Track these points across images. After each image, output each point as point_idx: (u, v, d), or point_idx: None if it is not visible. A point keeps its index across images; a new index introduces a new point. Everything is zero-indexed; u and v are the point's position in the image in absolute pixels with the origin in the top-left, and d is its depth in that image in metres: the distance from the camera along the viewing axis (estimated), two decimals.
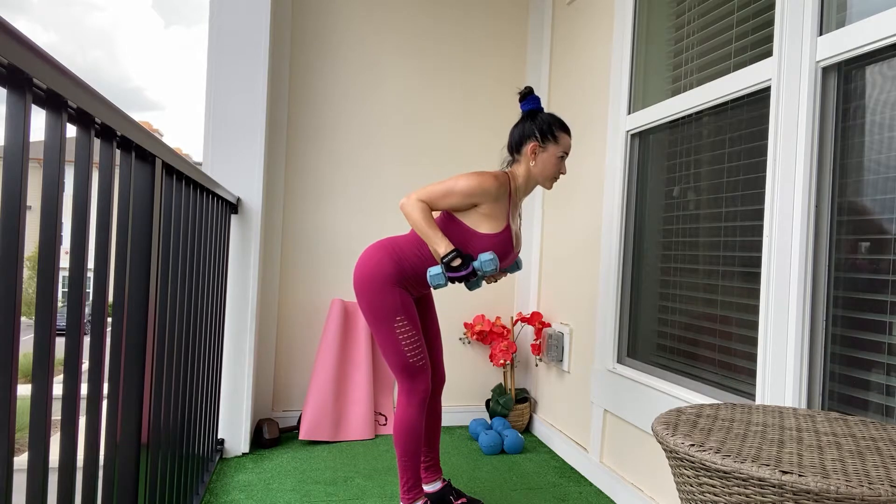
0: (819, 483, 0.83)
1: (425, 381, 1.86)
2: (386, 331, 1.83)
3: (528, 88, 1.91)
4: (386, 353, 1.85)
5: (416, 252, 1.87)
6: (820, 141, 1.47)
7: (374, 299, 1.83)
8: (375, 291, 1.84)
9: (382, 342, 1.85)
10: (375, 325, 1.85)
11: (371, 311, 1.84)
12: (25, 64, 0.69)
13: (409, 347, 1.83)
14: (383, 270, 1.85)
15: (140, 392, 1.23)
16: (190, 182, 1.61)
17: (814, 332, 1.47)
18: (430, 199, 1.81)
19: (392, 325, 1.83)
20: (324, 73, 2.94)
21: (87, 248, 0.96)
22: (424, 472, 2.04)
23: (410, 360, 1.83)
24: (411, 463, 1.85)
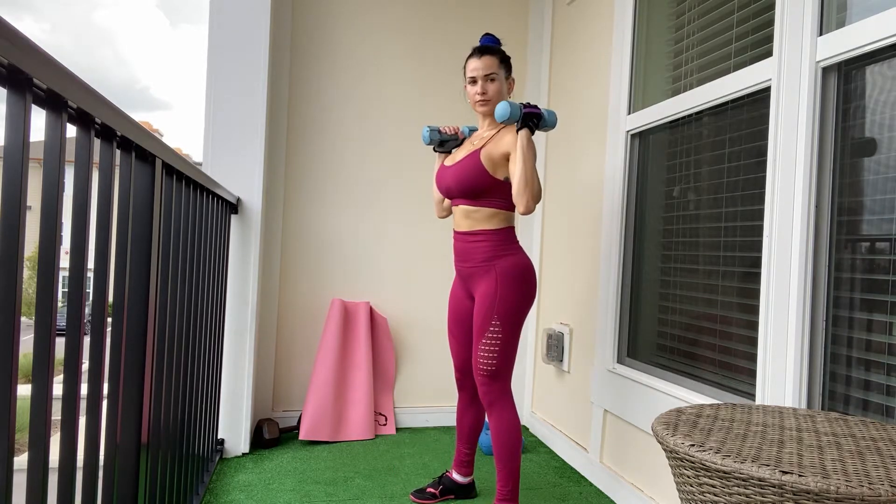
0: (819, 483, 0.83)
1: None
2: (517, 329, 1.87)
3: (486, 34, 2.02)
4: (507, 353, 1.86)
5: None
6: (820, 141, 1.47)
7: (528, 292, 1.89)
8: (530, 283, 1.89)
9: (509, 340, 1.86)
10: (512, 322, 1.86)
11: (517, 306, 1.86)
12: (25, 64, 0.69)
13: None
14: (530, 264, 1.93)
15: (140, 392, 1.23)
16: (190, 182, 1.61)
17: (814, 332, 1.47)
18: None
19: (522, 323, 1.89)
20: (324, 73, 2.94)
21: (87, 248, 0.96)
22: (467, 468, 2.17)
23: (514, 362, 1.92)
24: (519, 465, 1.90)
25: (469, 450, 2.16)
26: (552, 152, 3.02)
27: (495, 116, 1.81)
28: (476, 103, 1.97)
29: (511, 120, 1.77)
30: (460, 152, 2.03)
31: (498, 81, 1.95)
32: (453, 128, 2.12)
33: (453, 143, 2.12)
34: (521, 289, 1.87)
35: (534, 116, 1.78)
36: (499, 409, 1.87)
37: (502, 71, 1.96)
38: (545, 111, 1.84)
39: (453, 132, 2.11)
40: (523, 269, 1.89)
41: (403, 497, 2.16)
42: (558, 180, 2.93)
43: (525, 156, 1.76)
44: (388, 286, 3.04)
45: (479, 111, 1.98)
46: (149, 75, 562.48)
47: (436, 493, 2.15)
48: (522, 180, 1.75)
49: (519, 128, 1.79)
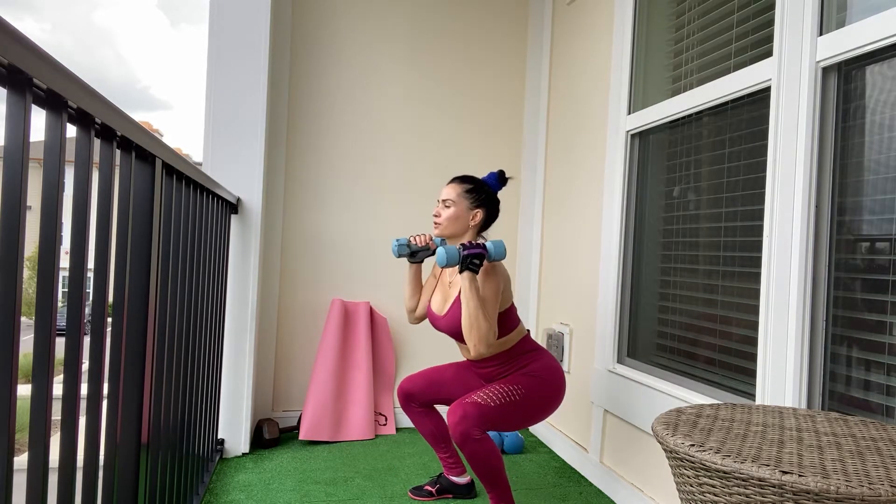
0: (819, 483, 0.83)
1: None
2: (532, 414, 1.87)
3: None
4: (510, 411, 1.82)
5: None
6: (820, 141, 1.47)
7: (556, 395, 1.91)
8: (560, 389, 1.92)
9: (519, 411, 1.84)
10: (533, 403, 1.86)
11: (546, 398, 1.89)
12: (25, 64, 0.69)
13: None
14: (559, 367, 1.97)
15: (140, 392, 1.23)
16: (190, 182, 1.61)
17: (814, 332, 1.47)
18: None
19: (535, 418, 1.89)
20: (324, 73, 2.94)
21: (87, 249, 0.96)
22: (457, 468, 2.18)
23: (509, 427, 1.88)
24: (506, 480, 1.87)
25: (447, 452, 2.15)
26: (552, 152, 3.02)
27: (436, 261, 1.83)
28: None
29: (450, 265, 1.77)
30: (439, 294, 2.03)
31: (454, 209, 1.96)
32: (424, 238, 2.09)
33: (425, 253, 2.10)
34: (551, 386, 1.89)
35: (474, 257, 1.77)
36: (471, 444, 1.74)
37: (464, 201, 1.96)
38: (490, 244, 1.81)
39: (424, 243, 2.08)
40: (553, 371, 1.91)
41: (403, 497, 2.16)
42: (558, 180, 2.93)
43: (467, 298, 1.75)
44: (388, 286, 3.04)
45: (433, 233, 2.04)
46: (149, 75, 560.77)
47: (433, 492, 2.15)
48: (467, 324, 1.75)
49: (460, 270, 1.78)
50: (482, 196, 1.98)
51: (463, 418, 1.73)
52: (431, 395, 2.09)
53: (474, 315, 1.74)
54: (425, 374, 2.11)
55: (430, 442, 2.15)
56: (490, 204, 2.00)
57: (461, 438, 1.73)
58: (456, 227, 1.97)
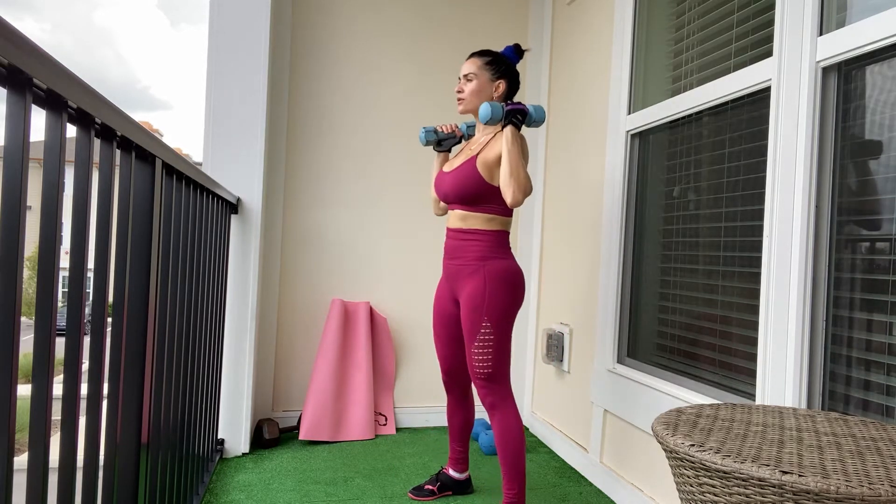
0: (819, 483, 0.83)
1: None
2: (507, 331, 1.87)
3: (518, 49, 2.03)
4: (500, 355, 1.85)
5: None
6: (820, 141, 1.47)
7: (517, 296, 1.89)
8: (519, 288, 1.89)
9: (501, 341, 1.85)
10: (502, 323, 1.85)
11: (505, 308, 1.86)
12: (25, 64, 0.69)
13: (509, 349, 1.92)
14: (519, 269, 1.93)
15: (140, 392, 1.23)
16: (190, 182, 1.61)
17: (814, 332, 1.47)
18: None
19: (512, 326, 1.89)
20: (324, 73, 2.94)
21: (87, 249, 0.96)
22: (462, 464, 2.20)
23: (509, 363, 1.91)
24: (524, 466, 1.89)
25: (462, 448, 2.18)
26: (552, 152, 3.02)
27: (479, 118, 1.83)
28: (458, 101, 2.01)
29: (494, 120, 1.79)
30: (458, 158, 2.03)
31: (477, 82, 1.95)
32: (450, 126, 2.11)
33: (451, 141, 2.11)
34: (510, 291, 1.87)
35: (517, 113, 1.80)
36: (501, 411, 1.87)
37: (485, 73, 1.95)
38: (531, 107, 1.85)
39: (450, 130, 2.10)
40: (513, 273, 1.89)
41: (403, 497, 2.16)
42: (558, 180, 2.93)
43: (509, 149, 1.77)
44: (388, 286, 3.04)
45: (458, 110, 2.02)
46: (149, 75, 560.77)
47: (434, 490, 2.16)
48: (507, 171, 1.77)
49: (504, 125, 1.81)
50: (503, 67, 1.97)
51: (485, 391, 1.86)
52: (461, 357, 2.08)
53: (516, 164, 1.76)
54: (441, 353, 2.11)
55: (454, 432, 2.16)
56: (511, 74, 1.99)
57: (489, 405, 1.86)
58: (480, 99, 1.95)
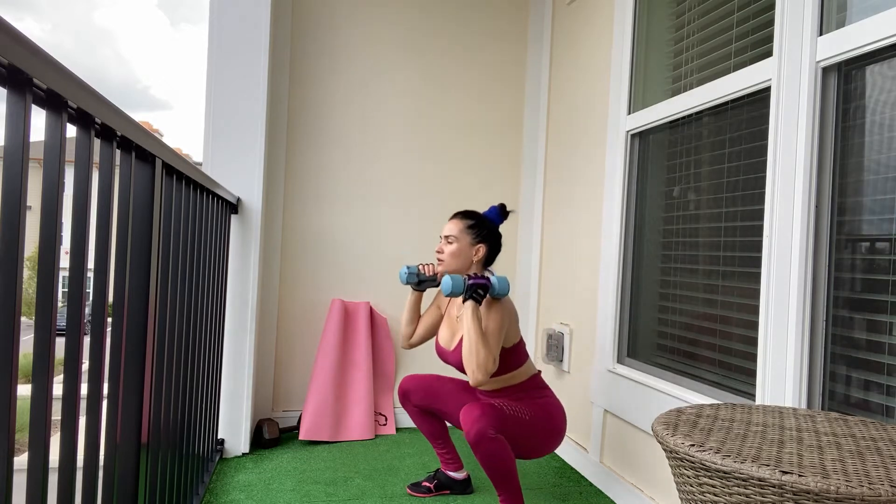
0: (819, 483, 0.83)
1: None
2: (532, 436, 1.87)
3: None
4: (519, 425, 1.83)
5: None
6: (820, 141, 1.47)
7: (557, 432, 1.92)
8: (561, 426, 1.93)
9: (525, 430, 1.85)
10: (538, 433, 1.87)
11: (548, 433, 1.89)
12: (25, 64, 0.69)
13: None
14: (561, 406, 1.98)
15: (140, 392, 1.23)
16: (190, 182, 1.61)
17: (814, 332, 1.47)
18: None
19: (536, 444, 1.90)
20: (324, 73, 2.94)
21: (87, 248, 0.96)
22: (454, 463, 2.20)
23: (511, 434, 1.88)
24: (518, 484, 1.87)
25: (445, 449, 2.18)
26: (552, 152, 3.02)
27: (442, 290, 1.85)
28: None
29: (455, 294, 1.81)
30: (446, 329, 2.04)
31: (457, 245, 1.97)
32: (432, 269, 2.10)
33: (429, 283, 2.11)
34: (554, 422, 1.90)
35: (479, 288, 1.81)
36: (486, 443, 1.73)
37: (466, 237, 1.98)
38: (495, 279, 1.85)
39: (432, 274, 2.10)
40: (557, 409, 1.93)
41: (403, 497, 2.16)
42: (558, 180, 2.93)
43: (469, 327, 1.77)
44: (388, 286, 3.04)
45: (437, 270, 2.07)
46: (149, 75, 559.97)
47: (430, 487, 2.17)
48: (467, 350, 1.77)
49: (464, 299, 1.81)
50: (484, 231, 2.00)
51: (481, 416, 1.73)
52: (428, 402, 2.10)
53: (474, 341, 1.76)
54: (426, 381, 2.12)
55: (428, 438, 2.17)
56: (492, 238, 2.02)
57: (477, 437, 1.72)
58: (459, 262, 1.98)
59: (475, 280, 1.82)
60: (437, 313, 2.14)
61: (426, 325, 2.13)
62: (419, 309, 2.15)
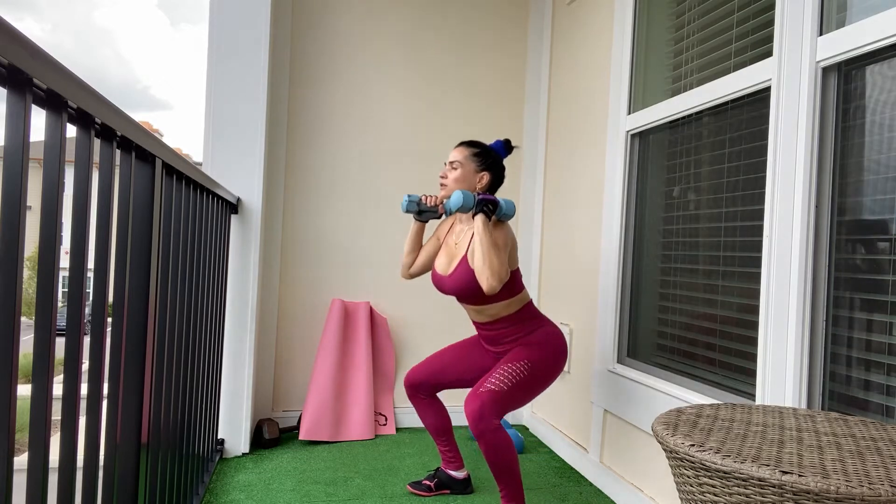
0: (819, 483, 0.83)
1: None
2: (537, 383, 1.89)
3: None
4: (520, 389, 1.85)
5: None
6: (820, 141, 1.47)
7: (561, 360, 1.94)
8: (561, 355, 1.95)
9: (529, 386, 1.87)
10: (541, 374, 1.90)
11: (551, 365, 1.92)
12: (25, 64, 0.69)
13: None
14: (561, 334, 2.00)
15: (140, 392, 1.24)
16: (190, 182, 1.61)
17: (814, 332, 1.47)
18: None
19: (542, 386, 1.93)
20: (324, 73, 2.94)
21: (87, 248, 0.96)
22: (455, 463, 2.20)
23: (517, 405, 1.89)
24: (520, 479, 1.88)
25: (448, 447, 2.18)
26: (552, 152, 3.02)
27: (449, 204, 1.85)
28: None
29: (465, 208, 1.81)
30: (444, 257, 2.03)
31: (461, 171, 1.97)
32: (434, 199, 2.09)
33: (431, 215, 2.10)
34: (555, 355, 1.91)
35: (487, 203, 1.82)
36: (489, 434, 1.77)
37: (470, 163, 1.98)
38: (503, 201, 1.86)
39: (434, 204, 2.09)
40: (557, 337, 1.94)
41: (403, 497, 2.16)
42: (558, 180, 2.93)
43: (481, 236, 1.78)
44: (388, 286, 3.04)
45: (439, 196, 2.05)
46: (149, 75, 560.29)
47: (431, 486, 2.17)
48: (480, 259, 1.77)
49: (474, 214, 1.82)
50: (489, 160, 2.00)
51: (480, 407, 1.76)
52: (436, 381, 2.11)
53: (487, 251, 1.76)
54: (428, 363, 2.13)
55: (433, 434, 2.17)
56: (496, 168, 2.01)
57: (479, 429, 1.76)
58: (462, 188, 1.97)
59: (484, 196, 1.83)
60: (437, 244, 2.13)
61: (427, 254, 2.13)
62: (421, 240, 2.14)
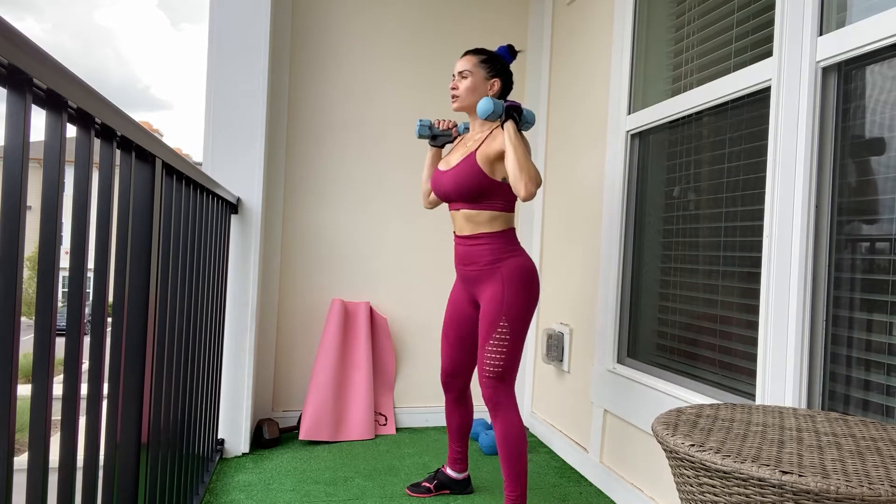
0: (819, 483, 0.83)
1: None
2: (523, 331, 1.88)
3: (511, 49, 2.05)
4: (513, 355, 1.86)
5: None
6: (820, 141, 1.47)
7: (533, 292, 1.90)
8: (534, 284, 1.90)
9: (516, 342, 1.86)
10: (520, 323, 1.86)
11: (525, 307, 1.87)
12: (25, 64, 0.69)
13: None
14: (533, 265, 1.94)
15: (140, 392, 1.23)
16: (190, 182, 1.61)
17: (814, 332, 1.47)
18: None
19: (528, 325, 1.90)
20: (324, 73, 2.94)
21: (87, 249, 0.96)
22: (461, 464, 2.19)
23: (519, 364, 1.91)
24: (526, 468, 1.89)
25: (460, 448, 2.18)
26: (552, 152, 3.02)
27: (477, 113, 1.82)
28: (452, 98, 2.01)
29: (495, 115, 1.78)
30: (454, 155, 2.02)
31: (472, 79, 1.95)
32: (447, 122, 2.10)
33: (445, 138, 2.10)
34: (527, 289, 1.88)
35: (514, 109, 1.80)
36: (504, 411, 1.86)
37: (480, 70, 1.95)
38: (524, 109, 1.86)
39: (447, 127, 2.09)
40: (528, 270, 1.90)
41: (403, 497, 2.16)
42: (558, 180, 2.93)
43: (514, 143, 1.76)
44: (388, 286, 3.04)
45: (452, 108, 2.02)
46: (149, 75, 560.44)
47: (430, 488, 2.17)
48: (516, 165, 1.73)
49: (503, 122, 1.80)
50: (498, 66, 1.98)
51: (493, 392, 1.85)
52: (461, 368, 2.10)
53: (523, 157, 1.74)
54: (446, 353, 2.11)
55: (453, 432, 2.17)
56: (505, 73, 2.00)
57: (493, 405, 1.85)
58: (475, 97, 1.95)
59: (511, 103, 1.81)
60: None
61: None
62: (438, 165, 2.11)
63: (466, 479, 2.21)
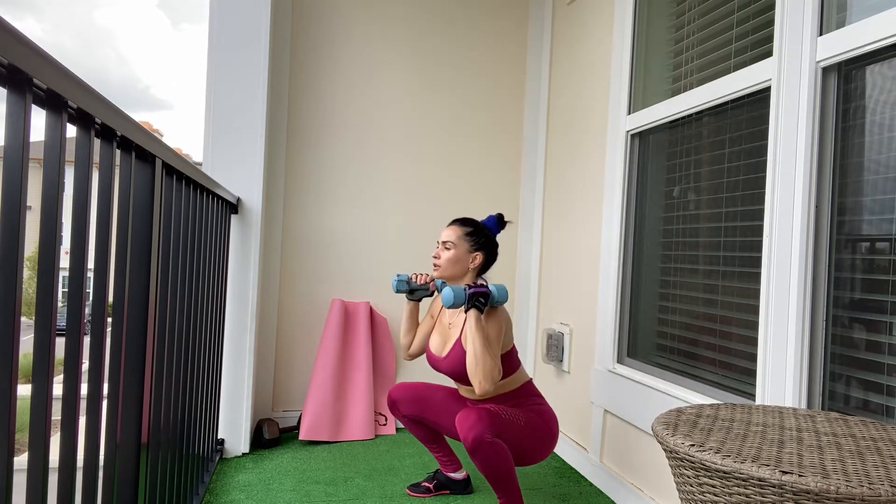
0: (819, 483, 0.83)
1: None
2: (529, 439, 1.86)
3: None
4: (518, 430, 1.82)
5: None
6: (820, 141, 1.47)
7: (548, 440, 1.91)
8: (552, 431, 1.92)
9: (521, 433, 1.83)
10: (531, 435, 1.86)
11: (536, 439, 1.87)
12: (25, 64, 0.69)
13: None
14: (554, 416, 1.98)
15: (140, 392, 1.23)
16: (190, 182, 1.61)
17: (814, 332, 1.47)
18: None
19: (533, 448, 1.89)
20: (324, 73, 2.94)
21: (87, 249, 0.96)
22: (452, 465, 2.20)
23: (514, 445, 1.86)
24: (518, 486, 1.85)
25: (440, 451, 2.17)
26: (552, 152, 3.02)
27: (442, 302, 1.83)
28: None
29: (456, 305, 1.80)
30: (439, 337, 2.02)
31: (454, 251, 1.97)
32: (424, 276, 2.10)
33: (423, 292, 2.10)
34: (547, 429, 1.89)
35: (479, 296, 1.80)
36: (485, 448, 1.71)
37: (463, 243, 1.97)
38: (494, 288, 1.85)
39: (424, 282, 2.09)
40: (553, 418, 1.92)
41: (403, 497, 2.16)
42: (558, 180, 2.93)
43: (473, 335, 1.76)
44: (388, 286, 3.04)
45: (433, 275, 2.05)
46: (150, 75, 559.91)
47: (430, 488, 2.17)
48: (473, 361, 1.75)
49: (466, 309, 1.81)
50: (482, 239, 2.00)
51: (477, 421, 1.71)
52: (418, 412, 2.08)
53: (480, 352, 1.74)
54: (416, 391, 2.10)
55: (423, 442, 2.17)
56: (489, 247, 2.01)
57: (475, 443, 1.70)
58: (456, 269, 1.97)
59: (475, 289, 1.81)
60: (431, 322, 2.13)
61: (423, 334, 2.12)
62: (416, 318, 2.15)
63: (466, 479, 2.20)
